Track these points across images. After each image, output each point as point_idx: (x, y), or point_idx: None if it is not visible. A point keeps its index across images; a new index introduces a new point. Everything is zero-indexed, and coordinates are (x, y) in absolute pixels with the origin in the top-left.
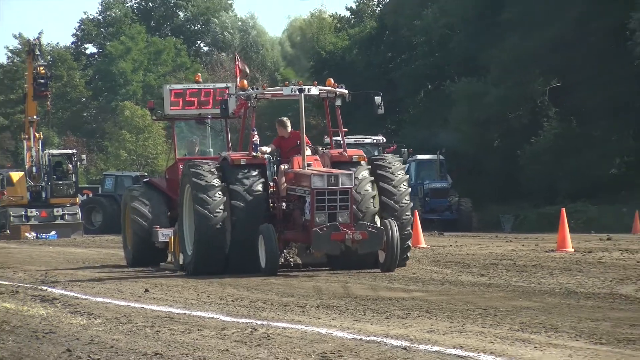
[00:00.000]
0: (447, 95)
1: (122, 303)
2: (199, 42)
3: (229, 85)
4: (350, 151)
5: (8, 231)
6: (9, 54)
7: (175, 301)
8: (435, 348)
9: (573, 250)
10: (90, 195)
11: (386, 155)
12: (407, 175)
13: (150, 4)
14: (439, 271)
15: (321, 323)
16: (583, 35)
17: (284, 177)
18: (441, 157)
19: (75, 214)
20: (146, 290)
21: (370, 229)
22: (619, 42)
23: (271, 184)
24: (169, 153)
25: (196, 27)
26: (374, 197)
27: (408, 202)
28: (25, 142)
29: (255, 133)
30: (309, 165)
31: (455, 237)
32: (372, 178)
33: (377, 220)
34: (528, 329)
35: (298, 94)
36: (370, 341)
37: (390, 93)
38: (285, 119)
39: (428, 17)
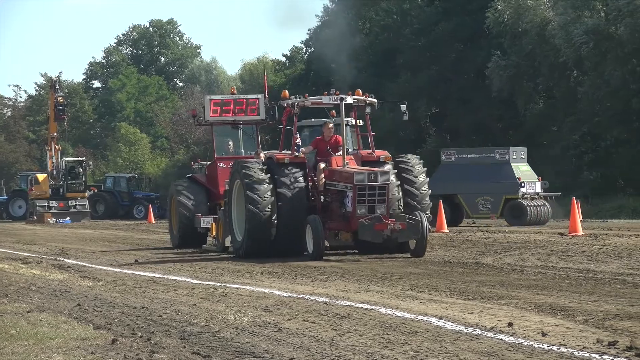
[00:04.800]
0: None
1: (118, 270)
2: (175, 79)
3: (259, 96)
4: (378, 152)
5: (35, 217)
6: (37, 87)
7: (157, 269)
8: (348, 303)
9: (448, 231)
10: (95, 191)
11: (410, 157)
12: (428, 178)
13: (140, 52)
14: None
15: (264, 285)
16: (456, 75)
17: (322, 174)
18: None
19: (85, 204)
20: (136, 261)
21: (408, 221)
22: (481, 80)
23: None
24: (208, 154)
25: (174, 69)
26: (399, 199)
27: (428, 202)
28: (48, 152)
29: (298, 136)
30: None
31: None
32: (398, 182)
33: None
34: (415, 288)
35: (335, 102)
36: (300, 298)
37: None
38: (331, 123)
39: (343, 61)
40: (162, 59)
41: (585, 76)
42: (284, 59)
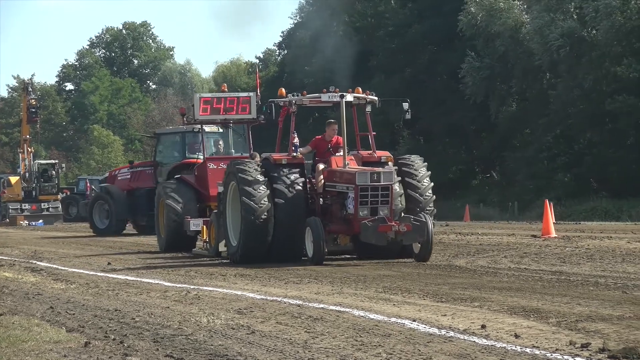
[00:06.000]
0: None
1: (91, 273)
2: (148, 81)
3: (251, 94)
4: (379, 152)
5: (7, 220)
6: (9, 90)
7: (130, 271)
8: (321, 305)
9: None
10: (68, 193)
11: (412, 157)
12: (429, 172)
13: (113, 54)
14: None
15: (237, 287)
16: (430, 77)
17: (321, 175)
18: None
19: (57, 207)
20: (109, 264)
21: (414, 222)
22: (455, 82)
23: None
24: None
25: (147, 71)
26: (401, 195)
27: (431, 195)
28: (20, 154)
29: (295, 135)
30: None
31: None
32: (400, 178)
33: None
34: (389, 291)
35: (335, 100)
36: (273, 300)
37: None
38: (335, 124)
39: (315, 64)
40: (136, 62)
41: (558, 79)
42: (257, 60)
